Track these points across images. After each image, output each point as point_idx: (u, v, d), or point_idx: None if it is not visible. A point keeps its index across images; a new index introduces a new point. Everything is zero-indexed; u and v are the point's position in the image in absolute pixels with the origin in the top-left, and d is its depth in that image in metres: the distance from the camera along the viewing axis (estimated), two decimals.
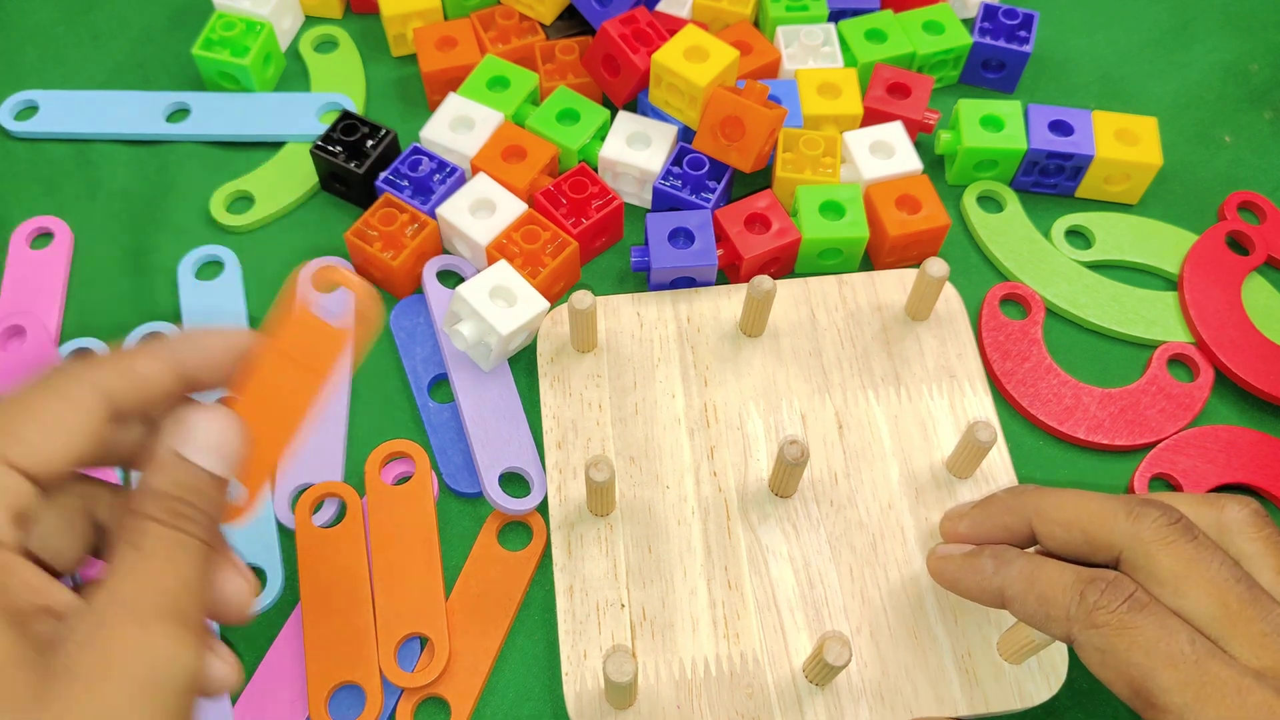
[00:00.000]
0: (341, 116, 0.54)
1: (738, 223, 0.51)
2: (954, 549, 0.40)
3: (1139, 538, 0.33)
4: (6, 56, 0.62)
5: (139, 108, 0.58)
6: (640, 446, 0.46)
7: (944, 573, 0.39)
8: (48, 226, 0.54)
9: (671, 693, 0.40)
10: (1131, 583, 0.32)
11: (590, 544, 0.43)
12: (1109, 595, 0.32)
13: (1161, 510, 0.33)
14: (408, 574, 0.43)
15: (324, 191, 0.56)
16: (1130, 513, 0.34)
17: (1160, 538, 0.33)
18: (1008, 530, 0.38)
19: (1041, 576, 0.34)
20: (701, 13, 0.59)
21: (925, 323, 0.50)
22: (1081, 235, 0.55)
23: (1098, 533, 0.34)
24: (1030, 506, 0.37)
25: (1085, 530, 0.35)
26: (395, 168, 0.52)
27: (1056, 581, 0.34)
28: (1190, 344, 0.51)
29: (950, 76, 0.61)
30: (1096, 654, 0.32)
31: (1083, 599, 0.33)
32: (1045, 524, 0.36)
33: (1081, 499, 0.35)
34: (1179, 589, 0.32)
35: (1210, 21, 0.65)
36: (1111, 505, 0.34)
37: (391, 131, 0.54)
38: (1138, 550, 0.33)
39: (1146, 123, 0.55)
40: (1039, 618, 0.34)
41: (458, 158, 0.53)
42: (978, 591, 0.37)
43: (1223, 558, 0.32)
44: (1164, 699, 0.30)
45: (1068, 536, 0.35)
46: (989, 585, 0.37)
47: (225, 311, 0.51)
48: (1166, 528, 0.33)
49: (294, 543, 0.45)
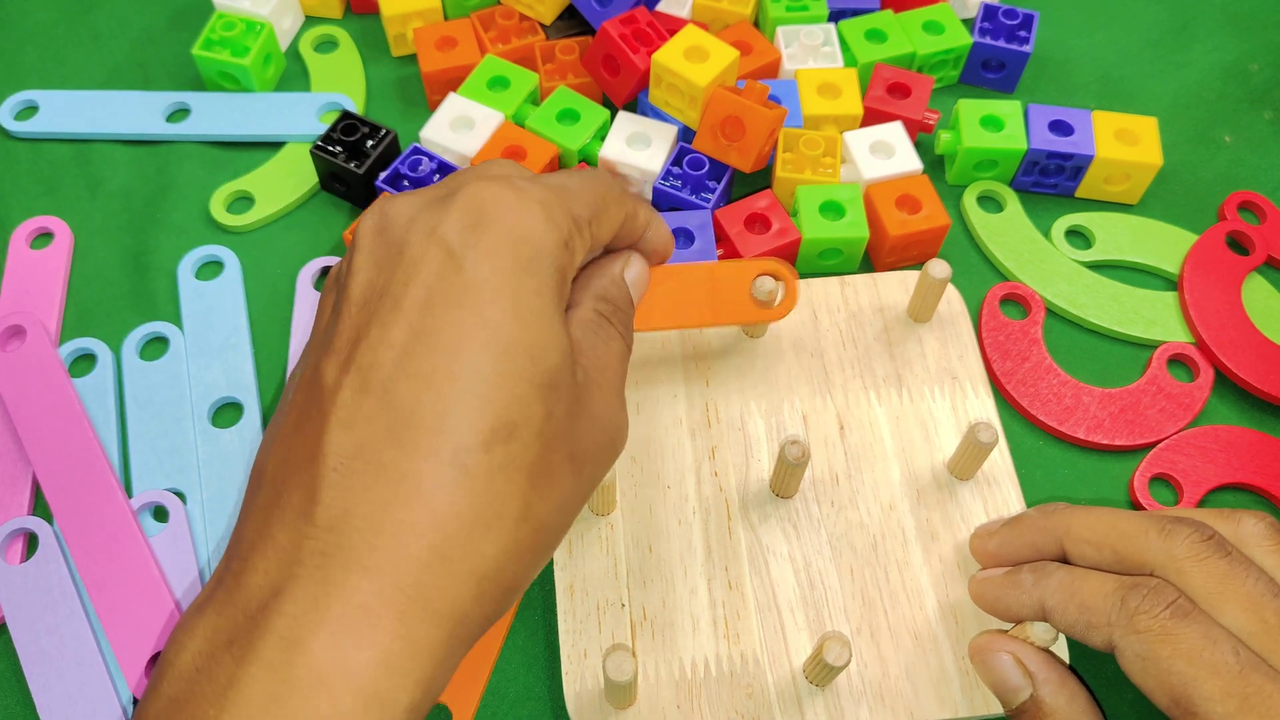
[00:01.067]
0: (341, 116, 0.54)
1: (738, 223, 0.51)
2: (993, 573, 0.39)
3: (1172, 555, 0.33)
4: (6, 56, 0.62)
5: (139, 108, 0.58)
6: (641, 446, 0.46)
7: (984, 595, 0.39)
8: (48, 227, 0.54)
9: (671, 692, 0.40)
10: (1174, 590, 0.32)
11: (591, 543, 0.43)
12: (1151, 600, 0.32)
13: (1194, 528, 0.33)
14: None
15: (324, 191, 0.56)
16: (1162, 530, 0.34)
17: (1194, 555, 0.33)
18: (1037, 549, 0.38)
19: (1082, 586, 0.34)
20: (701, 13, 0.59)
21: (927, 324, 0.50)
22: (1081, 235, 0.55)
23: (1129, 551, 0.34)
24: (1061, 526, 0.37)
25: (1116, 549, 0.34)
26: (395, 168, 0.52)
27: (1098, 590, 0.34)
28: (1190, 344, 0.51)
29: (950, 76, 0.61)
30: (1138, 661, 0.32)
31: (1124, 604, 0.32)
32: (1076, 544, 0.36)
33: (1113, 517, 0.35)
34: (1215, 605, 0.32)
35: (1210, 21, 0.65)
36: (1143, 523, 0.34)
37: (392, 132, 0.54)
38: (1170, 568, 0.33)
39: (1146, 123, 0.55)
40: (1080, 626, 0.34)
41: (457, 158, 0.53)
42: (1018, 607, 0.37)
43: (1258, 574, 0.32)
44: (1205, 708, 0.30)
45: (1099, 556, 0.35)
46: (1029, 599, 0.36)
47: (225, 311, 0.51)
48: (1200, 544, 0.33)
49: None
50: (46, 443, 0.46)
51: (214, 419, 0.48)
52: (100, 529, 0.44)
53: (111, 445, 0.47)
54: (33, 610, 0.43)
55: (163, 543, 0.44)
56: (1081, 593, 0.34)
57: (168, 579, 0.43)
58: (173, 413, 0.48)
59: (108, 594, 0.43)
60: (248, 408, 0.48)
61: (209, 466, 0.47)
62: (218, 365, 0.49)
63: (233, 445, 0.47)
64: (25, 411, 0.47)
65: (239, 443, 0.47)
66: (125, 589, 0.43)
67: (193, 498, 0.46)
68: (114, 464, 0.46)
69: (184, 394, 0.48)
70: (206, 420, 0.48)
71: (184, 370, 0.49)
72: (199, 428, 0.48)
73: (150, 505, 0.45)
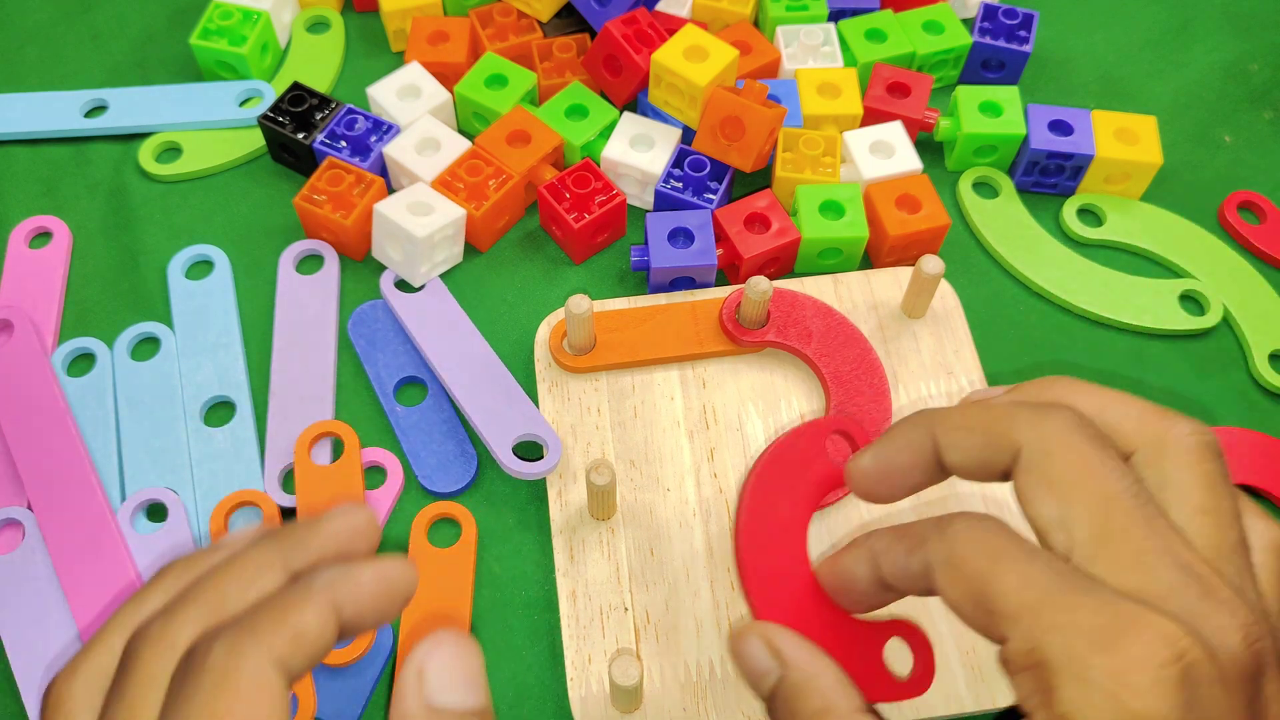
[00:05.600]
0: (290, 88, 0.55)
1: (737, 222, 0.51)
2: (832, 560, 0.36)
3: (1041, 435, 0.30)
4: (6, 56, 0.62)
5: (56, 106, 0.58)
6: (640, 450, 0.46)
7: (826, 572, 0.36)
8: (46, 226, 0.54)
9: (677, 695, 0.40)
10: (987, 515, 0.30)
11: (592, 548, 0.43)
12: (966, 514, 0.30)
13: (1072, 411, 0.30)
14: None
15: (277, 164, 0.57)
16: (1037, 410, 0.30)
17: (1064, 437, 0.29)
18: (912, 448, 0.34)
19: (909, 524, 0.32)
20: (701, 13, 0.59)
21: (921, 320, 0.50)
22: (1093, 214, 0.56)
23: (1001, 430, 0.31)
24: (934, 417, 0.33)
25: (987, 430, 0.31)
26: (330, 129, 0.53)
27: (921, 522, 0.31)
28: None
29: (950, 76, 0.61)
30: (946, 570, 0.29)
31: (940, 520, 0.30)
32: (947, 432, 0.32)
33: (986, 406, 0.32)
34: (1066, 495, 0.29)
35: (1210, 21, 0.65)
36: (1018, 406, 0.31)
37: (343, 105, 0.55)
38: (1036, 448, 0.30)
39: (1146, 121, 0.55)
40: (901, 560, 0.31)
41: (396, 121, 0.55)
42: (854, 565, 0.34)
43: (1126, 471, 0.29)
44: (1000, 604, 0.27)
45: (968, 441, 0.32)
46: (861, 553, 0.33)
47: (216, 310, 0.51)
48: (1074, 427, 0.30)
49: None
50: (28, 438, 0.46)
51: (206, 418, 0.48)
52: (79, 526, 0.44)
53: (110, 444, 0.47)
54: (18, 599, 0.42)
55: (160, 540, 0.44)
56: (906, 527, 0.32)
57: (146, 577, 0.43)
58: (164, 412, 0.48)
59: (83, 591, 0.42)
60: (239, 406, 0.48)
61: (201, 465, 0.46)
62: (209, 364, 0.49)
63: (225, 444, 0.47)
64: (8, 407, 0.47)
65: (231, 441, 0.47)
66: (100, 587, 0.42)
67: (185, 496, 0.45)
68: (113, 463, 0.46)
69: (175, 393, 0.48)
70: (198, 419, 0.48)
71: (175, 370, 0.49)
72: (191, 427, 0.47)
73: (147, 503, 0.45)
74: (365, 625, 0.29)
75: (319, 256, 0.53)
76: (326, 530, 0.30)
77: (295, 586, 0.28)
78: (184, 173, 0.56)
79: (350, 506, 0.31)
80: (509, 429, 0.46)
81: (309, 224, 0.52)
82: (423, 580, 0.43)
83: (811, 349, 0.47)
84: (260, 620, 0.27)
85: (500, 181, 0.52)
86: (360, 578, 0.29)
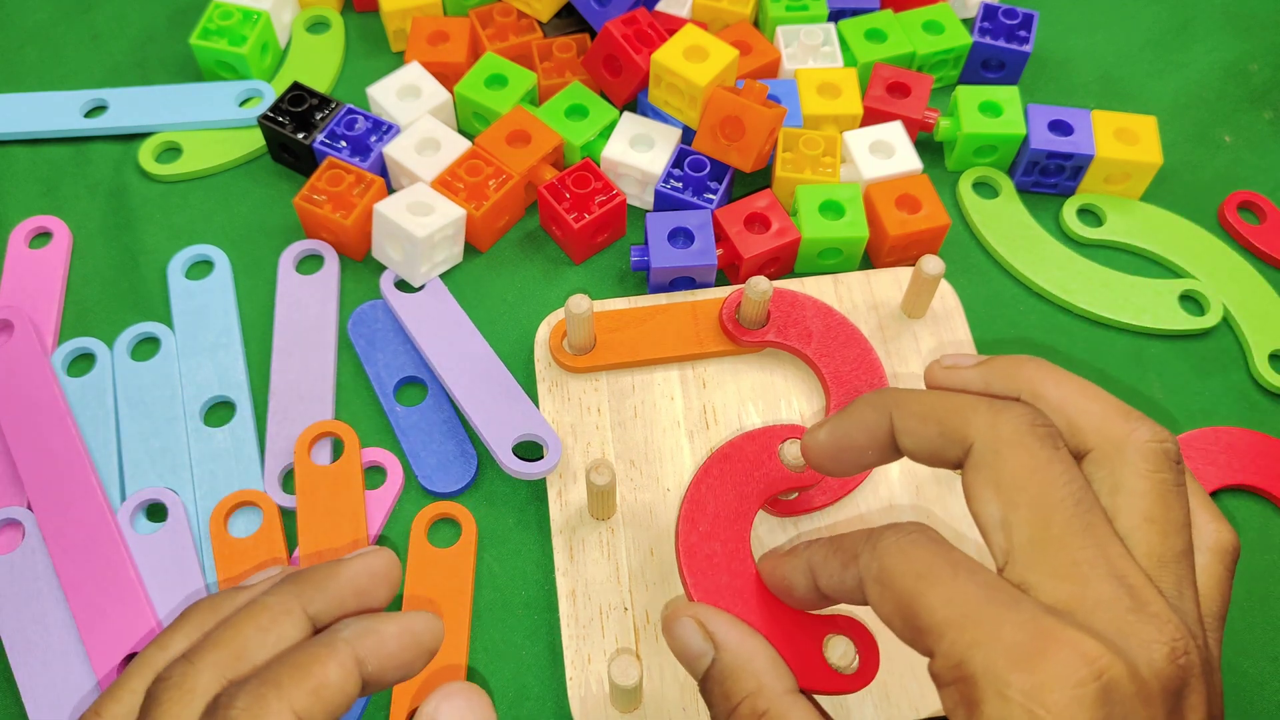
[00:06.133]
0: (290, 88, 0.55)
1: (737, 222, 0.51)
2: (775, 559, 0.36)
3: (995, 432, 0.29)
4: (6, 56, 0.62)
5: (56, 106, 0.58)
6: (640, 450, 0.46)
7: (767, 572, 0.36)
8: (46, 226, 0.54)
9: (677, 695, 0.40)
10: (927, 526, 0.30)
11: (592, 548, 0.43)
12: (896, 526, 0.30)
13: (1029, 410, 0.30)
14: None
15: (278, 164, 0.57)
16: (993, 406, 0.30)
17: (1016, 437, 0.29)
18: (868, 428, 0.33)
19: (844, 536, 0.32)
20: (701, 13, 0.59)
21: (922, 320, 0.50)
22: (1093, 214, 0.56)
23: (955, 424, 0.30)
24: (891, 400, 0.33)
25: (942, 421, 0.31)
26: (330, 129, 0.53)
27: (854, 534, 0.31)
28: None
29: (950, 76, 0.61)
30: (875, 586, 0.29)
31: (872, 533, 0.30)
32: (903, 417, 0.32)
33: (945, 394, 0.32)
34: (1011, 498, 0.28)
35: (1210, 21, 0.65)
36: (976, 400, 0.31)
37: (343, 105, 0.54)
38: (988, 446, 0.29)
39: (1146, 121, 0.55)
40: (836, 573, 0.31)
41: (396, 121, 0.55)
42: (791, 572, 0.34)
43: (1073, 476, 0.28)
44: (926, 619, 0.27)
45: (923, 430, 0.31)
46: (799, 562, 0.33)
47: (216, 310, 0.51)
48: (1027, 428, 0.29)
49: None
50: (28, 438, 0.46)
51: (206, 418, 0.48)
52: (78, 526, 0.44)
53: (110, 444, 0.47)
54: (18, 599, 0.42)
55: (161, 540, 0.44)
56: (840, 539, 0.31)
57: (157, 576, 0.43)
58: (164, 412, 0.48)
59: (83, 591, 0.42)
60: (239, 406, 0.48)
61: (201, 465, 0.46)
62: (209, 364, 0.49)
63: (225, 444, 0.47)
64: (8, 407, 0.47)
65: (231, 441, 0.47)
66: (100, 587, 0.42)
67: (185, 496, 0.45)
68: (113, 463, 0.46)
69: (175, 393, 0.48)
70: (198, 419, 0.48)
71: (175, 370, 0.49)
72: (191, 427, 0.47)
73: (147, 503, 0.45)
74: (388, 680, 0.29)
75: (319, 256, 0.53)
76: (346, 575, 0.31)
77: (319, 639, 0.29)
78: (184, 173, 0.56)
79: (371, 550, 0.31)
80: (509, 429, 0.46)
81: (309, 224, 0.52)
82: (423, 580, 0.44)
83: (811, 349, 0.47)
84: (283, 673, 0.27)
85: (500, 181, 0.52)
86: (384, 632, 0.29)
